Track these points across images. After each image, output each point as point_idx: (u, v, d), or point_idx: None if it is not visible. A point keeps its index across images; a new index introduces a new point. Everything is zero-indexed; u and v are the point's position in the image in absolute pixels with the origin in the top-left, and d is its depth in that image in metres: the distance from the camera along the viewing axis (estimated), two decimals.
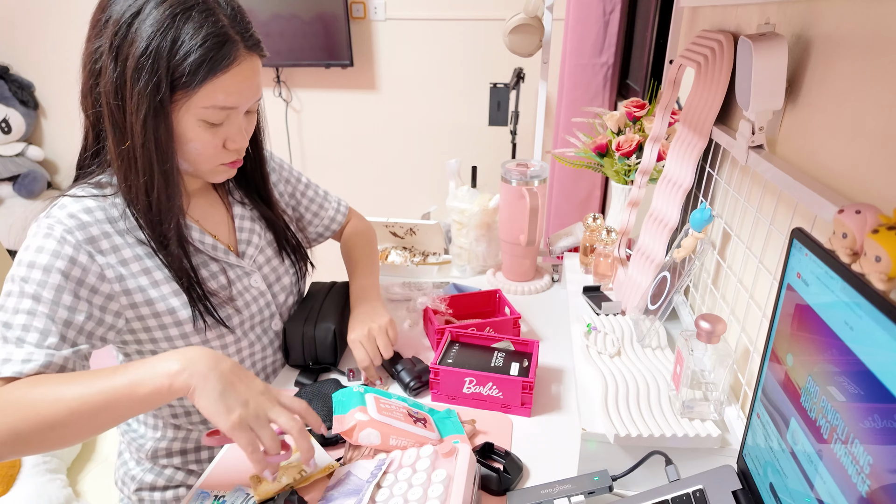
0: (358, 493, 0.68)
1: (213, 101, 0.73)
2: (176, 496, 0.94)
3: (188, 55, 0.69)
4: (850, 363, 0.41)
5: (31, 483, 1.02)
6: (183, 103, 0.72)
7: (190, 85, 0.71)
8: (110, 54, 0.70)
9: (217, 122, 0.76)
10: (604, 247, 1.12)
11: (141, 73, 0.69)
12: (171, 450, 0.93)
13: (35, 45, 2.78)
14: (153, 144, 0.73)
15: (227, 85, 0.73)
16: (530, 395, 0.86)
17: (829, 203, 0.55)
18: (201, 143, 0.76)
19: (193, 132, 0.75)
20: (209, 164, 0.80)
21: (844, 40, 0.60)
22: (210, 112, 0.74)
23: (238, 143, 0.79)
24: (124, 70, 0.70)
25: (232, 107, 0.75)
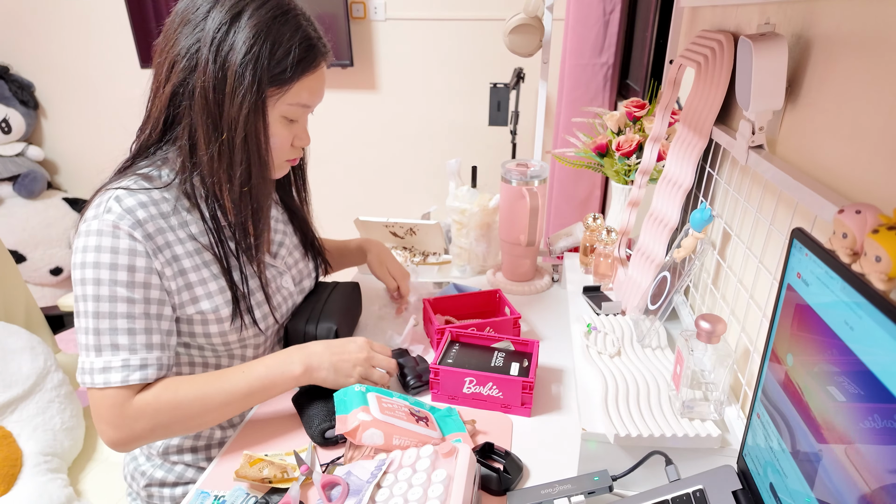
0: (358, 493, 0.68)
1: (299, 99, 0.81)
2: (185, 493, 0.95)
3: (288, 54, 0.77)
4: (850, 363, 0.41)
5: (32, 482, 1.02)
6: (276, 99, 0.79)
7: (285, 81, 0.78)
8: (210, 50, 0.75)
9: (295, 118, 0.83)
10: (604, 247, 1.12)
11: (245, 71, 0.75)
12: (183, 447, 0.94)
13: (35, 45, 2.78)
14: (254, 136, 0.79)
15: (312, 84, 0.82)
16: (530, 395, 0.86)
17: (829, 203, 0.55)
18: (280, 138, 0.83)
19: (275, 127, 0.82)
20: (280, 159, 0.86)
21: (844, 40, 0.60)
22: (294, 109, 0.82)
23: (304, 141, 0.87)
24: (226, 66, 0.75)
25: (309, 105, 0.83)
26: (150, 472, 0.94)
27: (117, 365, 0.76)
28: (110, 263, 0.76)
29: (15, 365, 1.10)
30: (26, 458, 1.06)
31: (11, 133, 2.76)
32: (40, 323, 1.31)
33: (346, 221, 1.73)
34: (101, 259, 0.75)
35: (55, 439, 1.11)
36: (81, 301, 0.77)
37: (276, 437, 0.84)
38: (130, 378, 0.77)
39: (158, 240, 0.79)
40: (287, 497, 0.70)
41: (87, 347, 0.77)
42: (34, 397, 1.12)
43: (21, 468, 1.05)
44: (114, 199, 0.78)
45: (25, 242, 2.68)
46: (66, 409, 1.15)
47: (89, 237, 0.76)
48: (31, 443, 1.08)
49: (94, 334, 0.76)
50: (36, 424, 1.10)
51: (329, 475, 0.72)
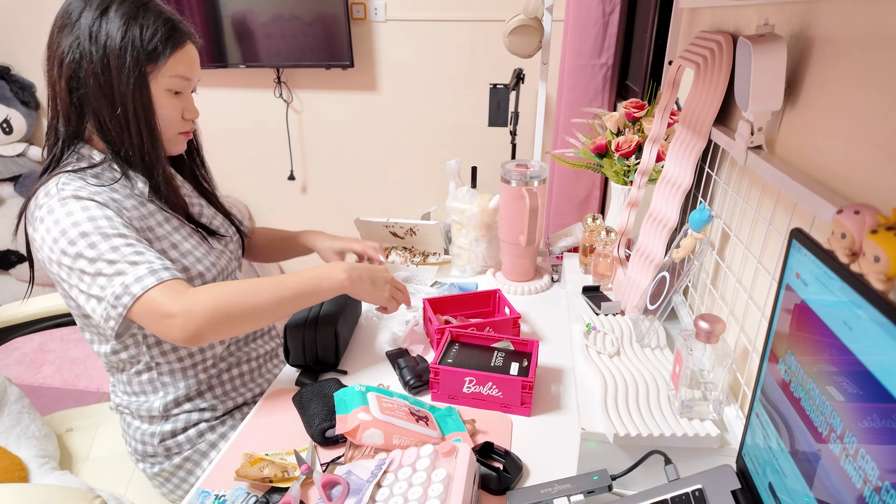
0: (358, 493, 0.68)
1: (177, 71, 0.91)
2: (199, 432, 1.01)
3: (155, 35, 0.88)
4: (848, 363, 0.42)
5: (50, 478, 1.03)
6: (155, 74, 0.89)
7: (160, 57, 0.89)
8: (90, 41, 0.86)
9: (178, 90, 0.92)
10: (603, 247, 1.12)
11: (125, 53, 0.87)
12: (178, 399, 1.00)
13: (36, 45, 2.77)
14: (141, 107, 0.89)
15: (184, 58, 0.92)
16: (530, 395, 0.86)
17: (828, 203, 0.55)
18: (168, 110, 0.92)
19: (161, 100, 0.91)
20: (173, 132, 0.95)
21: (843, 41, 0.60)
22: (174, 81, 0.91)
23: (193, 113, 0.96)
24: (106, 51, 0.86)
25: (189, 77, 0.93)
26: (158, 430, 1.00)
27: (144, 272, 0.82)
28: (87, 217, 0.83)
29: None
30: (27, 462, 1.06)
31: (13, 133, 2.76)
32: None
33: (347, 221, 1.73)
34: (77, 219, 0.82)
35: (40, 444, 1.11)
36: (78, 260, 0.82)
37: (277, 437, 0.84)
38: (163, 276, 0.82)
39: (114, 206, 0.87)
40: (287, 496, 0.70)
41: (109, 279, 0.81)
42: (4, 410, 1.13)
43: (28, 471, 1.05)
44: (61, 184, 0.86)
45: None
46: (36, 419, 1.16)
47: (53, 212, 0.83)
48: (23, 450, 1.08)
49: (110, 265, 0.82)
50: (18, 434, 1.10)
51: (329, 474, 0.72)
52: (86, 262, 0.82)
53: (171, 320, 0.80)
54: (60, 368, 2.40)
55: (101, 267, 0.81)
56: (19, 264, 2.70)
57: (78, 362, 2.44)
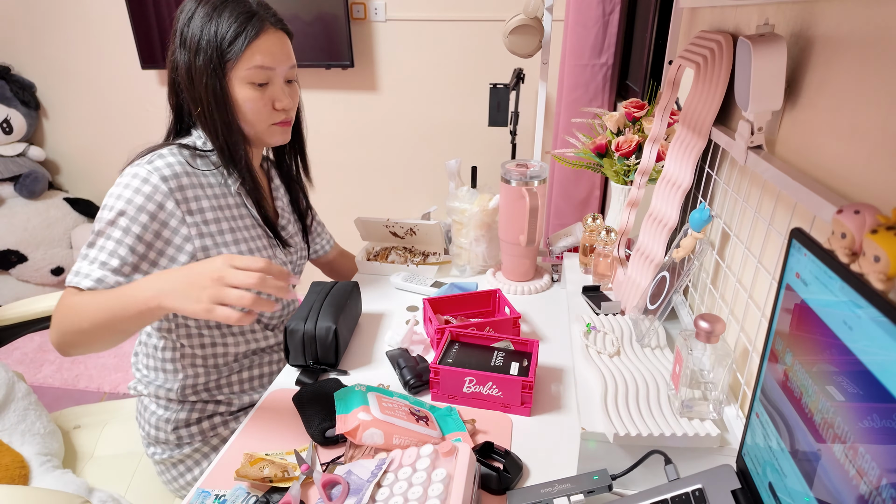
0: (358, 493, 0.68)
1: (253, 62, 0.93)
2: (212, 425, 1.04)
3: (228, 31, 0.92)
4: (848, 363, 0.42)
5: (49, 477, 1.03)
6: (232, 70, 0.93)
7: (234, 54, 0.92)
8: (181, 49, 0.95)
9: (261, 81, 0.95)
10: (603, 247, 1.12)
11: (200, 53, 0.93)
12: (197, 387, 1.03)
13: (36, 45, 2.78)
14: (214, 103, 0.94)
15: (261, 48, 0.94)
16: (530, 395, 0.86)
17: (828, 203, 0.55)
18: (252, 102, 0.96)
19: (245, 93, 0.95)
20: (264, 123, 0.99)
21: (843, 41, 0.60)
22: (253, 72, 0.94)
23: (283, 101, 0.98)
24: (190, 56, 0.93)
25: (269, 66, 0.95)
26: (174, 417, 1.03)
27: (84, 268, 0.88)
28: (139, 205, 0.89)
29: None
30: (29, 459, 1.06)
31: (13, 133, 2.76)
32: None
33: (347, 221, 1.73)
34: (133, 197, 0.89)
35: (44, 442, 1.11)
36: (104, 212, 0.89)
37: (277, 437, 0.84)
38: (82, 283, 0.87)
39: (188, 193, 0.94)
40: (287, 496, 0.70)
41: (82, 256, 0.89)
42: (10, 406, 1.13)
43: (29, 469, 1.05)
44: (158, 156, 0.93)
45: (27, 242, 2.68)
46: (42, 415, 1.16)
47: (134, 177, 0.90)
48: (26, 447, 1.08)
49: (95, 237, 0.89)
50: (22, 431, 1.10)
51: (329, 474, 0.72)
52: (100, 225, 0.89)
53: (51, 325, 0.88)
54: (60, 368, 2.40)
55: (94, 241, 0.89)
56: (19, 264, 2.70)
57: (78, 362, 2.44)
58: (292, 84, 1.02)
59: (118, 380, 2.34)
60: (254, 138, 1.01)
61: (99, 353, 0.95)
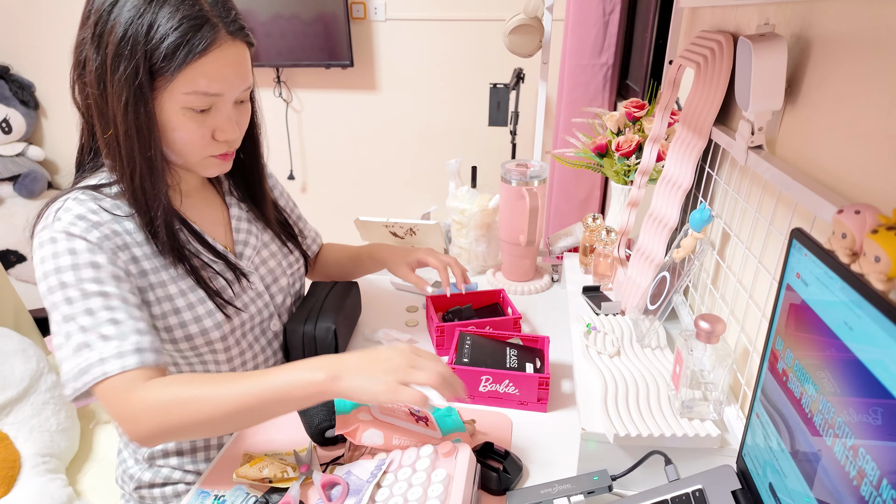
0: (358, 493, 0.68)
1: (195, 87, 0.72)
2: (175, 492, 0.94)
3: (164, 38, 0.69)
4: (849, 363, 0.41)
5: (33, 483, 1.02)
6: (164, 90, 0.71)
7: (168, 69, 0.70)
8: (93, 43, 0.71)
9: (202, 108, 0.74)
10: (603, 247, 1.12)
11: (120, 59, 0.69)
12: (168, 451, 0.93)
13: (35, 45, 2.78)
14: (134, 131, 0.72)
15: (207, 69, 0.71)
16: (546, 391, 0.87)
17: (829, 203, 0.55)
18: (187, 133, 0.75)
19: (177, 120, 0.74)
20: (198, 156, 0.78)
21: (844, 40, 0.60)
22: (192, 98, 0.72)
23: (228, 133, 0.77)
24: (105, 58, 0.70)
25: (216, 93, 0.73)
26: (138, 475, 0.93)
27: (110, 354, 0.69)
28: (71, 264, 0.71)
29: (7, 367, 1.10)
30: (24, 459, 1.06)
31: (12, 133, 2.76)
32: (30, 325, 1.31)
33: (347, 221, 1.72)
34: (60, 264, 0.71)
35: (52, 440, 1.11)
36: (54, 311, 0.71)
37: (276, 437, 0.84)
38: (127, 363, 0.69)
39: (117, 241, 0.75)
40: (287, 497, 0.70)
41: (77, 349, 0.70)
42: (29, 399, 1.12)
43: (20, 469, 1.05)
44: (62, 210, 0.74)
45: (26, 242, 2.66)
46: (60, 411, 1.15)
47: (43, 248, 0.72)
48: (29, 444, 1.08)
49: (81, 332, 0.70)
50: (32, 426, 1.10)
51: (329, 475, 0.72)
52: (60, 316, 0.71)
53: (122, 423, 0.70)
54: None
55: (72, 330, 0.70)
56: (19, 264, 2.70)
57: None
58: (243, 106, 0.80)
59: None
60: (180, 167, 0.82)
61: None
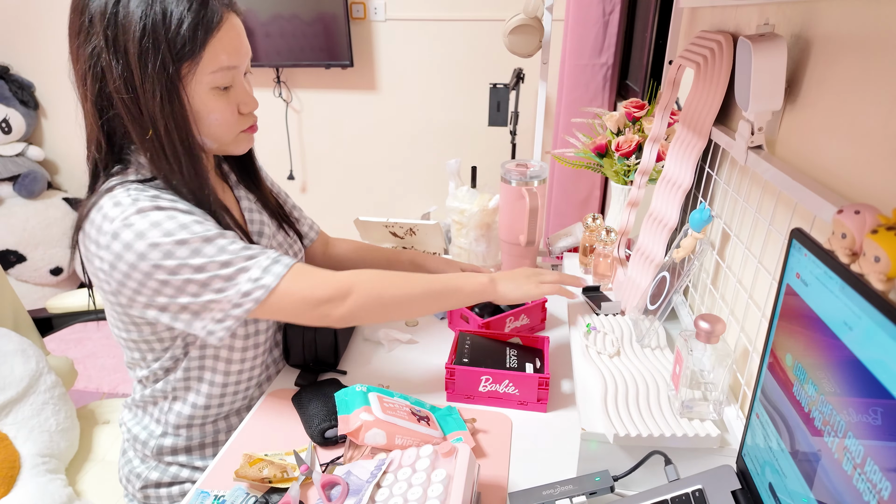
0: (358, 493, 0.68)
1: (218, 63, 0.75)
2: (182, 491, 0.94)
3: (182, 23, 0.71)
4: (848, 363, 0.41)
5: (33, 483, 1.02)
6: (192, 74, 0.74)
7: (194, 52, 0.72)
8: (108, 50, 0.72)
9: (226, 84, 0.78)
10: (603, 247, 1.12)
11: (146, 56, 0.71)
12: (176, 448, 0.93)
13: (35, 45, 2.78)
14: (174, 124, 0.75)
15: (224, 43, 0.75)
16: (546, 391, 0.87)
17: (828, 203, 0.55)
18: (220, 112, 0.78)
19: (211, 102, 0.77)
20: (232, 134, 0.82)
21: (844, 41, 0.60)
22: (218, 76, 0.76)
23: (250, 104, 0.82)
24: (128, 60, 0.71)
25: (234, 66, 0.77)
26: (144, 475, 0.94)
27: (267, 262, 0.76)
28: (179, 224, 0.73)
29: (7, 367, 1.10)
30: (24, 459, 1.06)
31: (11, 133, 2.76)
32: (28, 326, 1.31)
33: (347, 221, 1.73)
34: (168, 228, 0.73)
35: (52, 441, 1.11)
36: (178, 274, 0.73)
37: (276, 437, 0.84)
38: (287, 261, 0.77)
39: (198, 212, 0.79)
40: (287, 497, 0.70)
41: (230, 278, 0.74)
42: (28, 399, 1.12)
43: (20, 470, 1.04)
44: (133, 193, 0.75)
45: (26, 242, 2.67)
46: (60, 411, 1.15)
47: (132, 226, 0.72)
48: (28, 444, 1.08)
49: (223, 265, 0.74)
50: (32, 426, 1.10)
51: (329, 475, 0.72)
52: (191, 270, 0.73)
53: (330, 304, 0.78)
54: None
55: (215, 270, 0.74)
56: (19, 264, 2.70)
57: (77, 362, 2.44)
58: (247, 77, 0.84)
59: (117, 380, 2.34)
60: (215, 151, 0.85)
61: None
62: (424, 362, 1.01)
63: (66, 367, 1.30)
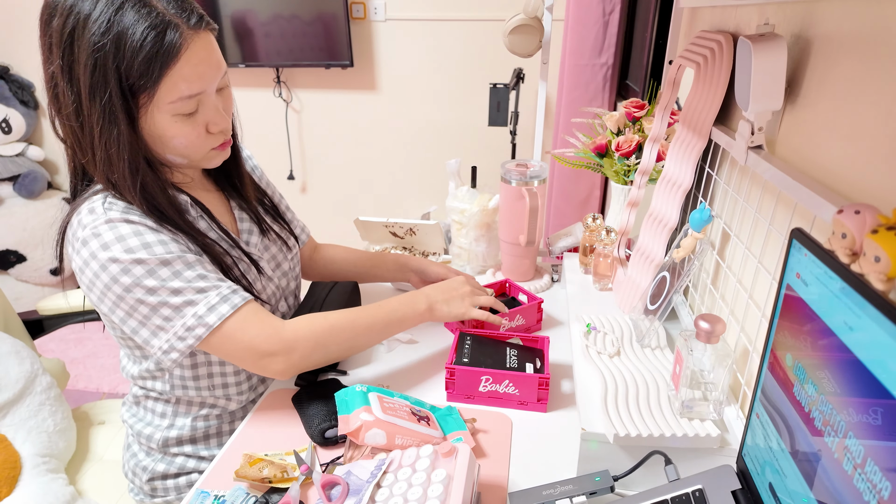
0: (358, 493, 0.68)
1: (178, 93, 0.71)
2: (189, 482, 0.95)
3: (135, 55, 0.67)
4: (849, 363, 0.41)
5: (35, 483, 1.02)
6: (149, 104, 0.71)
7: (147, 86, 0.69)
8: (63, 78, 0.70)
9: (189, 111, 0.75)
10: (603, 247, 1.12)
11: (95, 89, 0.68)
12: (182, 438, 0.94)
13: (35, 45, 2.77)
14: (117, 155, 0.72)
15: (183, 73, 0.71)
16: (546, 391, 0.87)
17: (829, 203, 0.55)
18: (184, 137, 0.76)
19: (173, 128, 0.74)
20: (200, 153, 0.80)
21: (844, 40, 0.60)
22: (178, 104, 0.73)
23: (220, 124, 0.79)
24: (80, 91, 0.69)
25: (198, 93, 0.74)
26: (151, 467, 0.95)
27: (215, 300, 0.76)
28: (142, 243, 0.73)
29: (2, 369, 1.10)
30: (24, 460, 1.06)
31: (12, 133, 2.76)
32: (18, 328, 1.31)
33: (346, 221, 1.73)
34: (131, 245, 0.73)
35: (50, 441, 1.11)
36: (132, 291, 0.73)
37: (276, 437, 0.84)
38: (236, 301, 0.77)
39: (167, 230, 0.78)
40: (287, 497, 0.70)
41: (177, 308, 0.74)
42: (25, 401, 1.12)
43: (21, 470, 1.05)
44: (108, 202, 0.76)
45: (26, 242, 2.68)
46: (57, 412, 1.15)
47: (100, 236, 0.73)
48: (27, 445, 1.08)
49: (173, 293, 0.74)
50: (30, 427, 1.10)
51: (329, 475, 0.72)
52: (143, 291, 0.73)
53: (272, 358, 0.80)
54: None
55: (165, 297, 0.74)
56: (18, 264, 2.70)
57: (77, 362, 2.44)
58: (224, 91, 0.80)
59: (117, 381, 2.34)
60: (186, 166, 0.84)
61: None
62: (424, 362, 1.01)
63: (59, 368, 1.30)
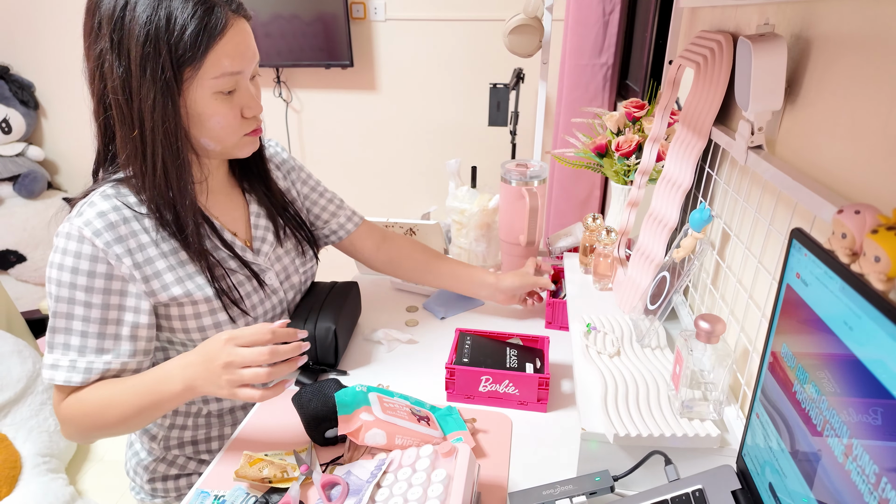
0: (358, 493, 0.68)
1: (221, 68, 0.75)
2: (189, 483, 0.96)
3: (185, 30, 0.71)
4: (848, 363, 0.41)
5: (35, 483, 1.02)
6: (193, 80, 0.75)
7: (195, 58, 0.73)
8: (113, 52, 0.73)
9: (229, 89, 0.78)
10: (603, 247, 1.12)
11: (146, 61, 0.72)
12: (183, 439, 0.94)
13: (35, 45, 2.78)
14: (161, 128, 0.75)
15: (227, 49, 0.75)
16: (546, 391, 0.87)
17: (829, 203, 0.55)
18: (223, 117, 0.78)
19: (212, 106, 0.77)
20: (234, 137, 0.82)
21: (844, 40, 0.60)
22: (220, 81, 0.76)
23: (254, 108, 0.82)
24: (129, 64, 0.73)
25: (238, 71, 0.77)
26: (152, 467, 0.95)
27: (64, 364, 0.78)
28: (72, 268, 0.76)
29: (4, 369, 1.10)
30: (25, 459, 1.06)
31: (12, 133, 2.76)
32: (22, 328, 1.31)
33: None
34: (64, 262, 0.76)
35: (51, 440, 1.11)
36: (48, 299, 0.79)
37: (276, 437, 0.84)
38: (72, 379, 0.78)
39: (130, 242, 0.79)
40: (287, 497, 0.70)
41: (48, 343, 0.79)
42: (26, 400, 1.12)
43: (21, 470, 1.05)
44: (88, 204, 0.78)
45: (26, 242, 2.68)
46: None
47: (59, 239, 0.77)
48: (28, 445, 1.08)
49: (51, 332, 0.78)
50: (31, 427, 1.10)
51: (329, 475, 0.72)
52: (52, 307, 0.78)
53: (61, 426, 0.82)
54: None
55: (55, 325, 0.78)
56: (19, 264, 2.70)
57: None
58: (255, 80, 0.84)
59: None
60: (218, 154, 0.85)
61: None
62: (424, 362, 1.01)
63: None
